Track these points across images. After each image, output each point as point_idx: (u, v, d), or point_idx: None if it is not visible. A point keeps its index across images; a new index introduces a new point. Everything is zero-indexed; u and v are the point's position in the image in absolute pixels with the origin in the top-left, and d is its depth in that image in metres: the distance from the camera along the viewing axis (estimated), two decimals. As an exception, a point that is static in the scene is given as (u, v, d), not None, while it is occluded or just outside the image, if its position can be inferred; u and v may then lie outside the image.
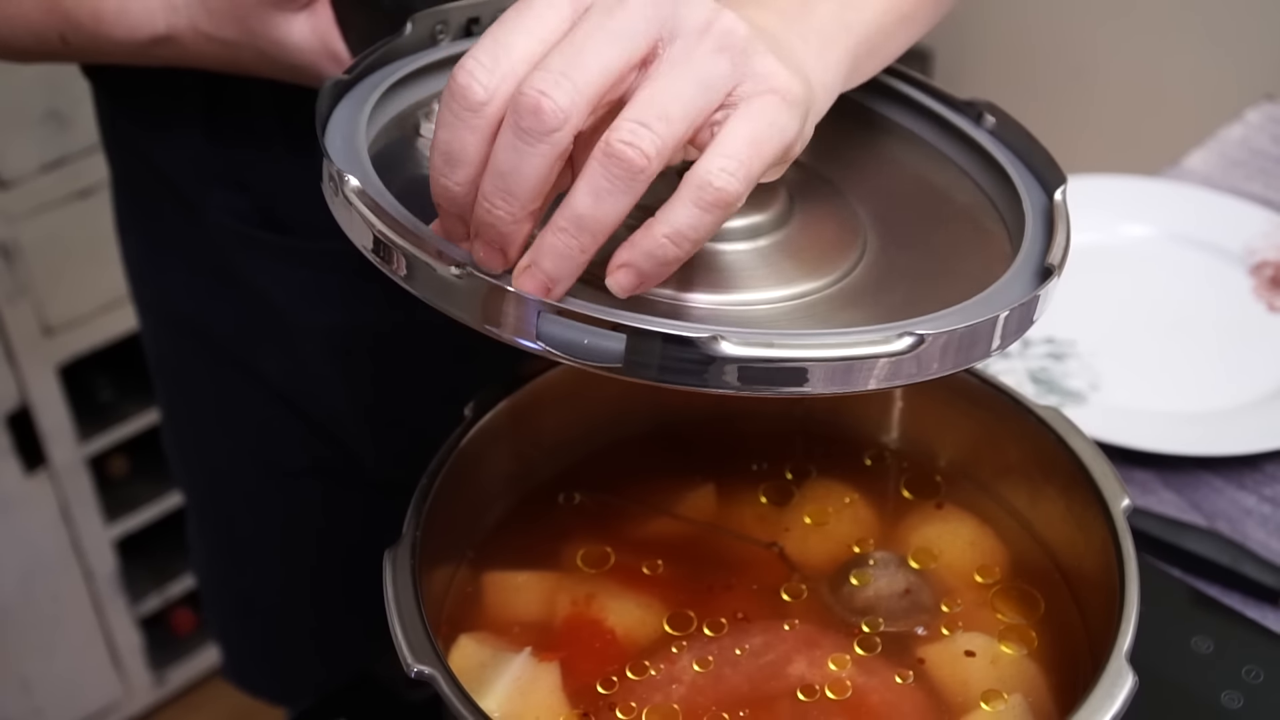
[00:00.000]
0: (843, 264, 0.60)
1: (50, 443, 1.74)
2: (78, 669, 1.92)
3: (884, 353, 0.51)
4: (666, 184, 0.51)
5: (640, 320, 0.50)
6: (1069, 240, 0.59)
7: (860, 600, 0.66)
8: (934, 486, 0.73)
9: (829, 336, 0.51)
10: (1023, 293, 0.56)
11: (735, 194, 0.50)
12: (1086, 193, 1.19)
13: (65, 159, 1.63)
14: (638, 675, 0.63)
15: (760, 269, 0.59)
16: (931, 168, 0.68)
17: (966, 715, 0.61)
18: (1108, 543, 0.61)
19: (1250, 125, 1.30)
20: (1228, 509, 0.89)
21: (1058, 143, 2.04)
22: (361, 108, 0.62)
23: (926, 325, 0.52)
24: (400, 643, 0.56)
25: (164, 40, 0.72)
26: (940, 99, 0.69)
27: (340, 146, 0.59)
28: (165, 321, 1.02)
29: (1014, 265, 0.58)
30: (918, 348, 0.51)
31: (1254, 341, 1.04)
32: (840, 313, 0.57)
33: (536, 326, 0.50)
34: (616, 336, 0.49)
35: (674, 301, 0.56)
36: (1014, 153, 0.66)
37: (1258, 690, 0.71)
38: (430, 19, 0.67)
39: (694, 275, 0.57)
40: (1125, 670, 0.54)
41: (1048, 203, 0.62)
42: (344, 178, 0.54)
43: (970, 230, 0.64)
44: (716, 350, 0.49)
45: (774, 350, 0.50)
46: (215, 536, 1.11)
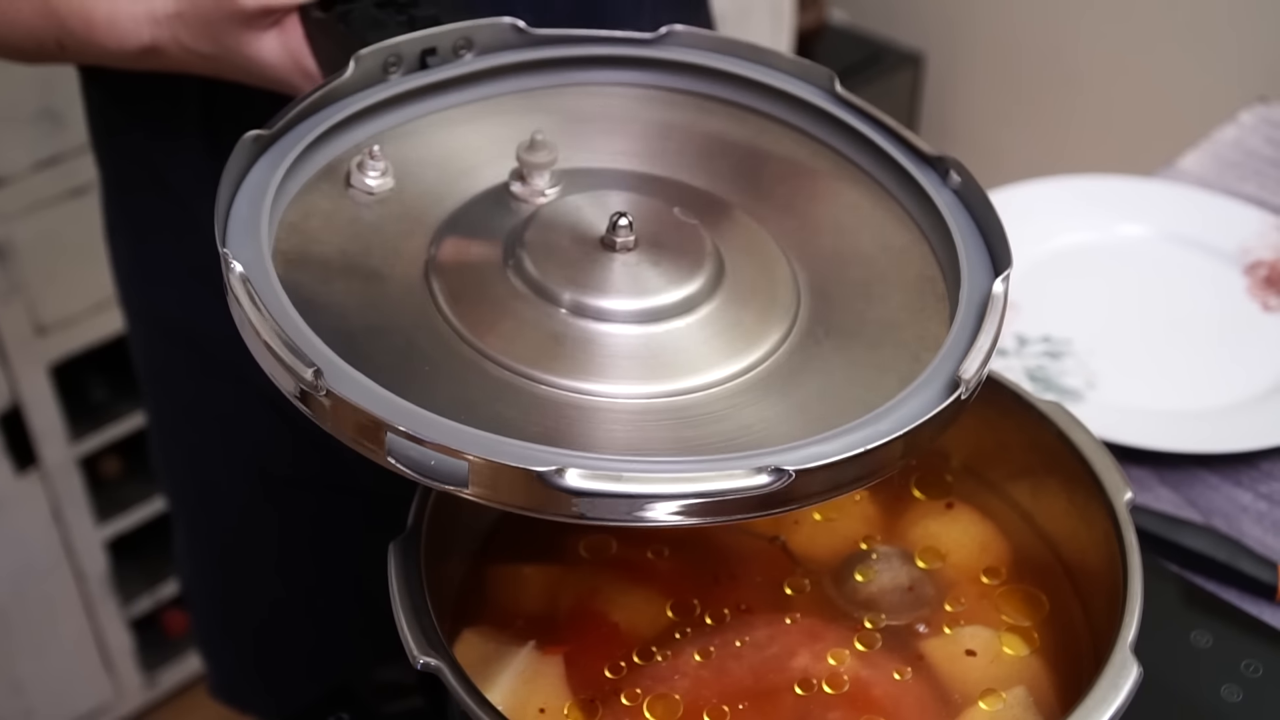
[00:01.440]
0: (761, 346, 0.58)
1: (42, 442, 1.74)
2: (69, 670, 1.91)
3: (741, 488, 0.48)
4: None
5: (486, 448, 0.48)
6: (994, 344, 0.56)
7: (863, 595, 0.66)
8: (945, 486, 0.72)
9: (683, 468, 0.49)
10: (922, 409, 0.52)
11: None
12: (1082, 193, 1.19)
13: (59, 157, 1.62)
14: (641, 665, 0.63)
15: (677, 353, 0.57)
16: (892, 227, 0.64)
17: (968, 710, 0.61)
18: (1110, 535, 0.61)
19: (1244, 127, 1.31)
20: (1224, 506, 0.90)
21: (1051, 143, 2.06)
22: (278, 165, 0.59)
23: (792, 457, 0.50)
24: (406, 635, 0.56)
25: (151, 51, 0.73)
26: (908, 149, 0.65)
27: (242, 218, 0.57)
28: (155, 329, 1.01)
29: (924, 373, 0.55)
30: (777, 482, 0.48)
31: (1249, 340, 1.04)
32: (746, 408, 0.55)
33: (386, 445, 0.49)
34: (459, 463, 0.48)
35: (592, 395, 0.54)
36: (973, 218, 0.62)
37: (1257, 684, 0.72)
38: (379, 54, 0.64)
39: (610, 362, 0.56)
40: (1130, 661, 0.54)
41: (988, 289, 0.58)
42: (230, 264, 0.53)
43: (910, 308, 0.60)
44: (560, 483, 0.47)
45: (621, 485, 0.48)
46: (205, 549, 1.10)
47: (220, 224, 0.56)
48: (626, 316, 0.57)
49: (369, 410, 0.49)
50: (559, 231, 0.59)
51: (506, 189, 0.63)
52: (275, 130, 0.60)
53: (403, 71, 0.66)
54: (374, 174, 0.62)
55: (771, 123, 0.69)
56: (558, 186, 0.63)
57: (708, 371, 0.56)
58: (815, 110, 0.68)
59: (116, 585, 1.91)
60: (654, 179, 0.66)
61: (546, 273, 0.57)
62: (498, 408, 0.53)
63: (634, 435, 0.53)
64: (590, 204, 0.61)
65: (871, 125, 0.67)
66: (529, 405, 0.53)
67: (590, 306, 0.56)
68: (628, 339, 0.56)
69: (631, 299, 0.57)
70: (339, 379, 0.50)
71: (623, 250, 0.58)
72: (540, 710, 0.61)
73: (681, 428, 0.54)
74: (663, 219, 0.61)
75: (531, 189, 0.63)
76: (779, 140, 0.69)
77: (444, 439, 0.48)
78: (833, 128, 0.68)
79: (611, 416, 0.54)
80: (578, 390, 0.54)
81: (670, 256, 0.59)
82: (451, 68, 0.67)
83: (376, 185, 0.62)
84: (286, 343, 0.51)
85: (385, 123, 0.65)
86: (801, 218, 0.65)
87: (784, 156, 0.68)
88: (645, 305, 0.57)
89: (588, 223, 0.60)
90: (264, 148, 0.60)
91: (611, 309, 0.56)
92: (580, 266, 0.58)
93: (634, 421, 0.54)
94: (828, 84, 0.68)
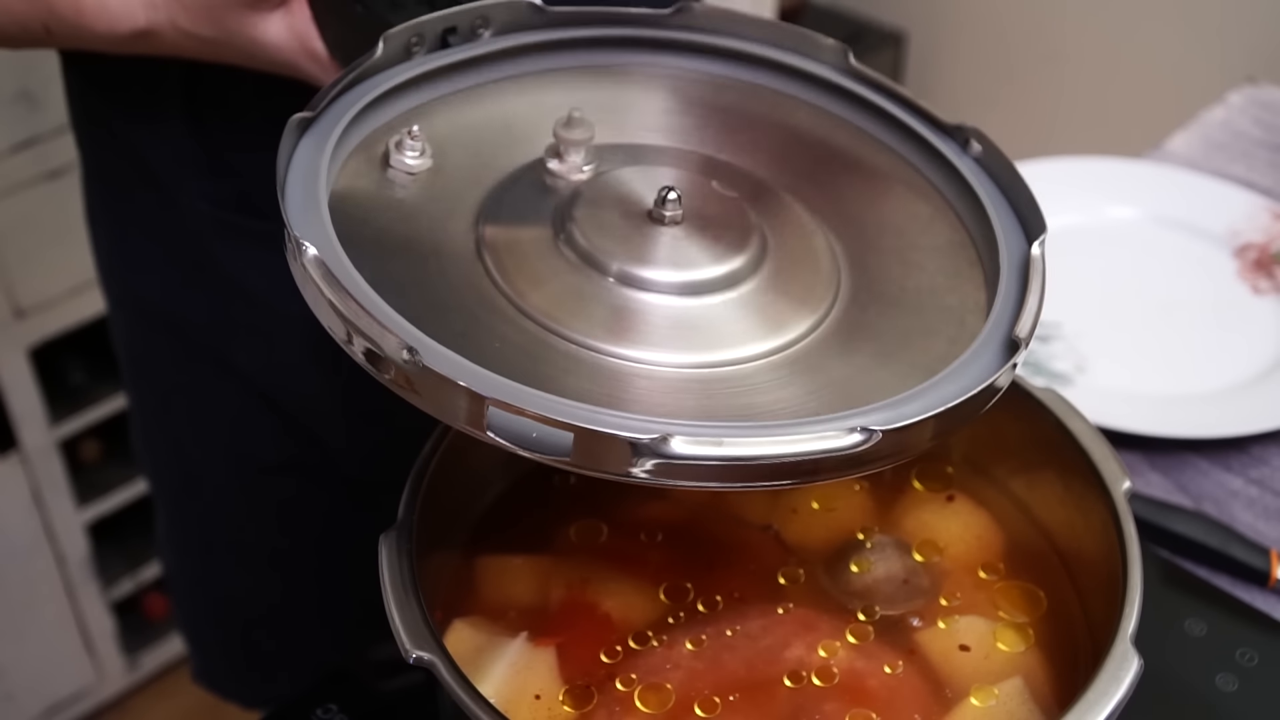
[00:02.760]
0: (810, 317, 0.59)
1: (21, 426, 1.73)
2: (49, 654, 1.91)
3: (835, 448, 0.50)
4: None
5: (589, 419, 0.49)
6: (1041, 305, 0.57)
7: (858, 585, 0.66)
8: (946, 478, 0.72)
9: (776, 429, 0.50)
10: (987, 370, 0.55)
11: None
12: (1070, 175, 1.19)
13: (36, 139, 1.61)
14: (633, 654, 0.62)
15: (730, 324, 0.58)
16: (914, 197, 0.66)
17: (961, 704, 0.61)
18: (1108, 525, 0.61)
19: (1232, 108, 1.30)
20: (1214, 491, 0.90)
21: (1037, 124, 2.05)
22: (323, 147, 0.59)
23: (877, 417, 0.51)
24: (398, 629, 0.56)
25: (144, 35, 0.72)
26: (928, 121, 0.67)
27: (299, 201, 0.57)
28: (137, 315, 1.00)
29: (981, 335, 0.57)
30: (867, 443, 0.50)
31: (1238, 323, 1.04)
32: (801, 377, 0.56)
33: (486, 420, 0.50)
34: (564, 434, 0.49)
35: (646, 364, 0.55)
36: (998, 186, 0.64)
37: (1252, 673, 0.71)
38: (404, 34, 0.65)
39: (668, 333, 0.56)
40: (1130, 654, 0.54)
41: (1025, 253, 0.60)
42: (302, 247, 0.53)
43: (946, 273, 0.62)
44: (666, 450, 0.49)
45: (723, 449, 0.49)
46: (187, 535, 1.09)
47: (284, 207, 0.56)
48: (673, 289, 0.58)
49: (470, 386, 0.49)
50: (608, 205, 0.60)
51: (543, 165, 0.64)
52: (318, 111, 0.61)
53: (425, 51, 0.66)
54: (413, 154, 0.62)
55: (789, 99, 0.70)
56: (593, 163, 0.63)
57: (766, 340, 0.57)
58: (832, 85, 0.69)
59: (97, 568, 1.90)
60: (686, 154, 0.67)
61: (597, 244, 0.58)
62: (570, 380, 0.54)
63: (708, 404, 0.54)
64: (638, 178, 0.62)
65: (887, 97, 0.68)
66: (602, 377, 0.54)
67: (638, 276, 0.57)
68: (672, 309, 0.57)
69: (680, 271, 0.58)
70: (433, 356, 0.50)
71: (670, 223, 0.59)
72: (535, 697, 0.61)
73: (752, 394, 0.55)
74: (706, 193, 0.62)
75: (569, 165, 0.63)
76: (796, 115, 0.69)
77: (546, 411, 0.49)
78: (848, 101, 0.69)
79: (683, 386, 0.55)
80: (622, 357, 0.55)
81: (716, 232, 0.60)
82: (472, 47, 0.67)
83: (416, 165, 0.62)
84: (378, 322, 0.51)
85: (412, 101, 0.66)
86: (827, 190, 0.66)
87: (803, 131, 0.69)
88: (692, 277, 0.58)
89: (638, 195, 0.61)
90: (307, 128, 0.60)
91: (660, 281, 0.57)
92: (630, 238, 0.59)
93: (705, 390, 0.55)
94: (842, 59, 0.69)
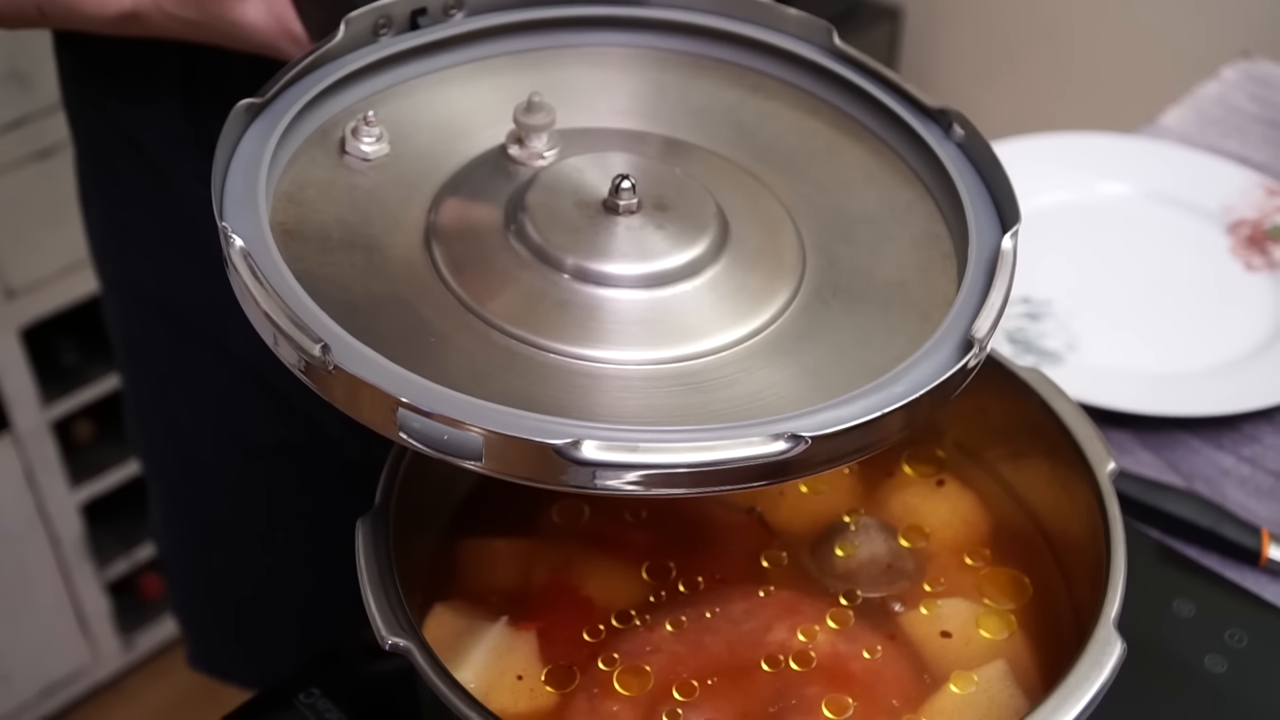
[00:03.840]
0: (769, 309, 0.57)
1: (13, 407, 1.73)
2: (45, 635, 1.91)
3: (759, 455, 0.48)
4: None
5: (500, 421, 0.48)
6: (1005, 301, 0.55)
7: (841, 568, 0.65)
8: (937, 462, 0.71)
9: (699, 436, 0.48)
10: (937, 371, 0.52)
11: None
12: (1062, 151, 1.18)
13: (26, 119, 1.60)
14: (616, 634, 0.62)
15: (696, 314, 0.56)
16: (894, 183, 0.64)
17: (946, 684, 0.60)
18: (1093, 507, 0.60)
19: (1227, 83, 1.30)
20: (1206, 469, 0.89)
21: (1034, 100, 2.04)
22: (270, 134, 0.58)
23: (807, 422, 0.49)
24: (374, 615, 0.55)
25: (131, 16, 0.72)
26: (909, 103, 0.65)
27: (239, 190, 0.56)
28: (131, 297, 1.00)
29: (936, 334, 0.54)
30: (794, 449, 0.48)
31: (1231, 301, 1.03)
32: (756, 372, 0.54)
33: (397, 421, 0.49)
34: (474, 438, 0.48)
35: (613, 363, 0.54)
36: (978, 173, 0.62)
37: (1242, 654, 0.71)
38: (368, 17, 0.63)
39: (632, 329, 0.55)
40: (1114, 638, 0.53)
41: (997, 245, 0.58)
42: (230, 238, 0.52)
43: (917, 266, 0.60)
44: (576, 455, 0.47)
45: (637, 455, 0.47)
46: (184, 518, 1.09)
47: (217, 197, 0.55)
48: (631, 281, 0.56)
49: (379, 386, 0.48)
50: (561, 195, 0.59)
51: (504, 152, 0.62)
52: (268, 97, 0.59)
53: (393, 33, 0.65)
54: (369, 140, 0.61)
55: (768, 79, 0.68)
56: (556, 148, 0.62)
57: (716, 335, 0.55)
58: (813, 65, 0.67)
59: (92, 549, 1.90)
60: (653, 137, 0.66)
61: (549, 238, 0.57)
62: (507, 378, 0.52)
63: (643, 402, 0.53)
64: (592, 166, 0.60)
65: (871, 79, 0.66)
66: (538, 374, 0.53)
67: (594, 271, 0.56)
68: (633, 304, 0.56)
69: (636, 263, 0.56)
70: (347, 354, 0.49)
71: (626, 213, 0.58)
72: (518, 678, 0.60)
73: (691, 393, 0.53)
74: (665, 180, 0.60)
75: (530, 151, 0.62)
76: (777, 96, 0.68)
77: (456, 413, 0.48)
78: (831, 83, 0.67)
79: (622, 384, 0.53)
80: (585, 357, 0.54)
81: (674, 219, 0.58)
82: (442, 28, 0.65)
83: (372, 151, 0.61)
84: (292, 318, 0.50)
85: (377, 84, 0.64)
86: (802, 175, 0.64)
87: (783, 113, 0.67)
88: (650, 269, 0.56)
89: (590, 185, 0.59)
90: (255, 115, 0.59)
91: (616, 274, 0.56)
92: (583, 231, 0.57)
93: (644, 388, 0.53)
94: (825, 38, 0.67)
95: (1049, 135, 1.19)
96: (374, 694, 0.70)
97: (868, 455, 0.52)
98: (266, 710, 0.70)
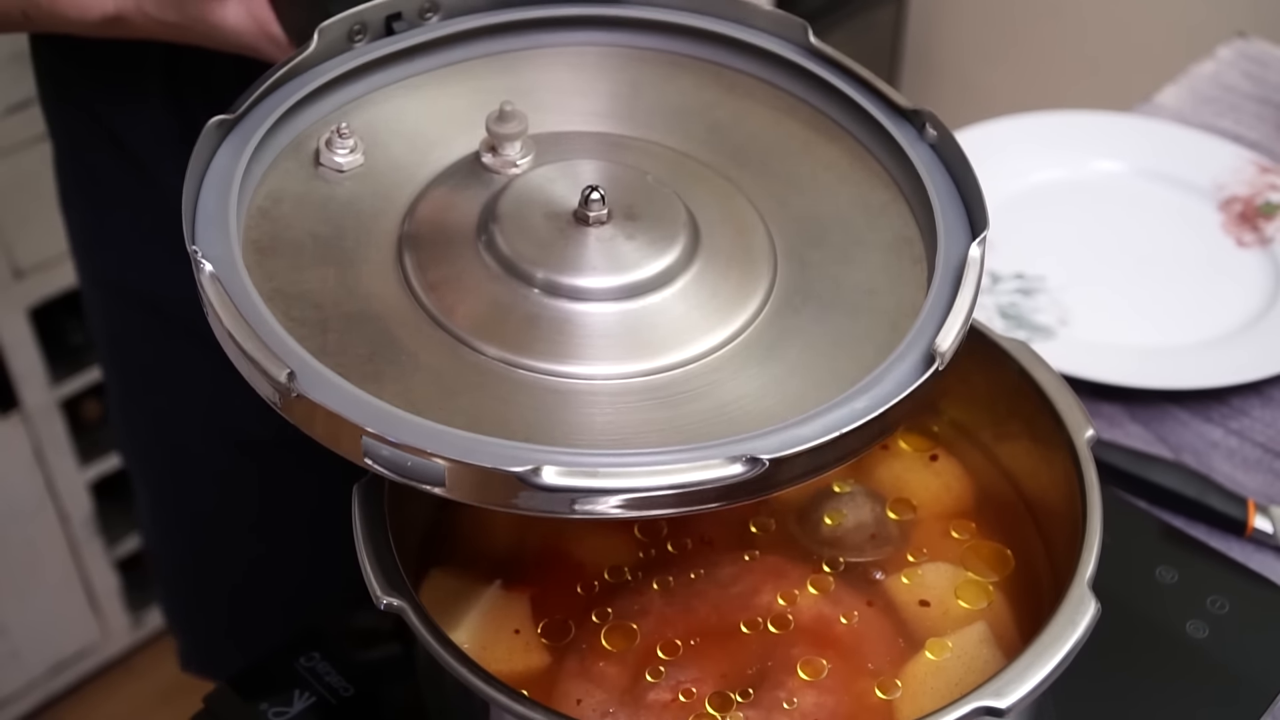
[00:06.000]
0: (739, 318, 0.58)
1: (22, 385, 1.74)
2: (54, 612, 1.92)
3: (717, 478, 0.49)
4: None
5: (461, 450, 0.49)
6: (971, 311, 0.55)
7: (828, 535, 0.67)
8: (931, 437, 0.72)
9: (659, 460, 0.49)
10: (898, 387, 0.52)
11: None
12: (1058, 129, 1.19)
13: (32, 100, 1.59)
14: (607, 591, 0.64)
15: (671, 323, 0.57)
16: (868, 185, 0.64)
17: (922, 650, 0.62)
18: (1071, 473, 0.61)
19: (1222, 62, 1.30)
20: (1194, 442, 0.90)
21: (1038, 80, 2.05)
22: (242, 151, 0.58)
23: (766, 443, 0.50)
24: (369, 575, 0.56)
25: (114, 20, 0.73)
26: (884, 103, 0.64)
27: (210, 210, 0.56)
28: (115, 294, 1.00)
29: (899, 347, 0.54)
30: (753, 471, 0.49)
31: (1222, 277, 1.04)
32: (724, 384, 0.55)
33: (363, 449, 0.50)
34: (437, 465, 0.49)
35: (570, 377, 0.55)
36: (951, 174, 0.62)
37: (1223, 620, 0.72)
38: (343, 24, 0.63)
39: (607, 342, 0.56)
40: (1088, 597, 0.54)
41: (964, 253, 0.58)
42: (200, 264, 0.53)
43: (888, 272, 0.60)
44: (537, 481, 0.48)
45: (597, 481, 0.48)
46: (175, 515, 1.09)
47: (188, 218, 0.56)
48: (602, 295, 0.56)
49: (342, 415, 0.49)
50: (531, 206, 0.59)
51: (478, 160, 0.63)
52: (240, 113, 0.60)
53: (369, 39, 0.65)
54: (343, 151, 0.61)
55: (745, 78, 0.68)
56: (529, 155, 0.62)
57: (685, 347, 0.56)
58: (789, 64, 0.67)
59: (101, 526, 1.91)
60: (627, 141, 0.66)
61: (519, 252, 0.57)
62: (476, 396, 0.53)
63: (612, 419, 0.53)
64: (562, 176, 0.60)
65: (846, 78, 0.66)
66: (508, 392, 0.53)
67: (565, 286, 0.56)
68: (604, 317, 0.56)
69: (606, 276, 0.57)
70: (312, 382, 0.50)
71: (596, 224, 0.58)
72: (515, 631, 0.62)
73: (659, 408, 0.54)
74: (636, 188, 0.60)
75: (503, 159, 0.62)
76: (753, 96, 0.68)
77: (417, 441, 0.49)
78: (807, 82, 0.67)
79: (589, 399, 0.54)
80: (555, 373, 0.54)
81: (645, 228, 0.58)
82: (418, 33, 0.66)
83: (346, 163, 0.61)
84: (259, 346, 0.51)
85: (352, 93, 0.65)
86: (777, 177, 0.64)
87: (758, 113, 0.67)
88: (621, 282, 0.57)
89: (560, 196, 0.59)
90: (228, 131, 0.60)
91: (586, 288, 0.56)
92: (553, 244, 0.57)
93: (611, 404, 0.54)
94: (801, 36, 0.67)
95: (1045, 114, 1.20)
96: (373, 658, 0.72)
97: (836, 468, 0.53)
98: (268, 674, 0.71)
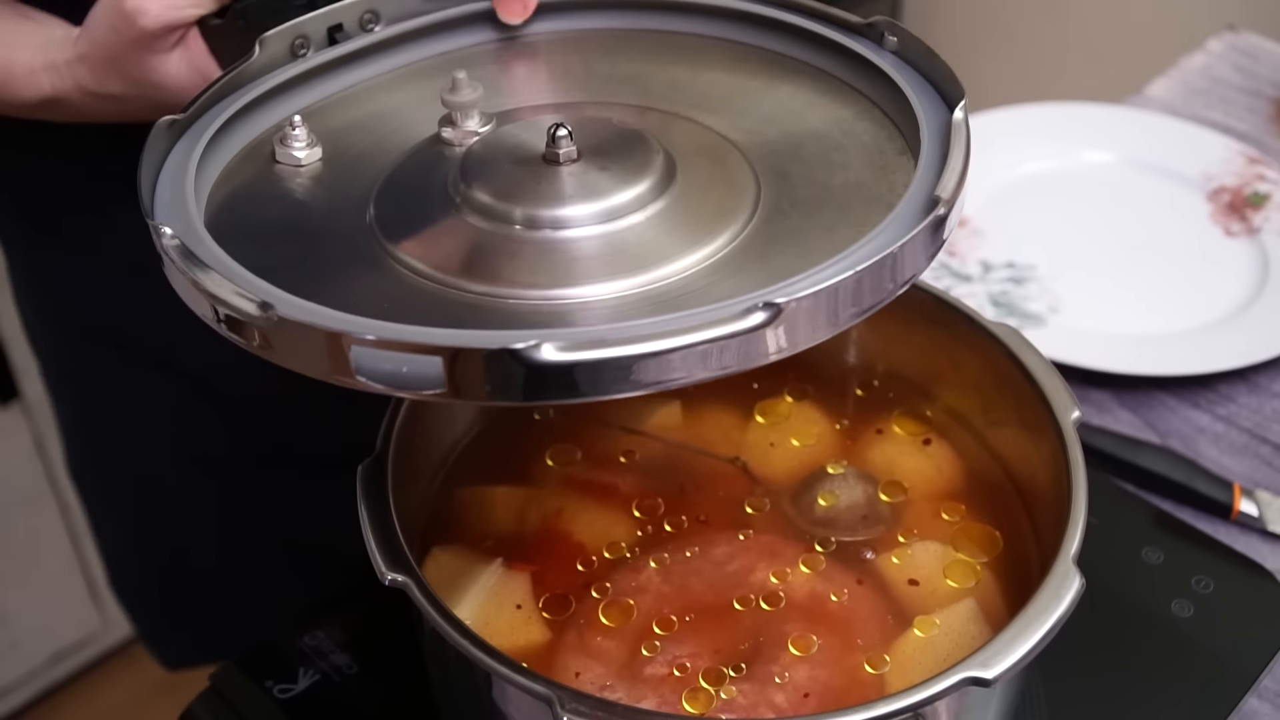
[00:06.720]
0: (727, 229, 0.56)
1: (22, 376, 1.74)
2: (54, 601, 1.92)
3: (735, 331, 0.46)
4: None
5: (460, 338, 0.46)
6: (966, 165, 0.54)
7: (821, 515, 0.68)
8: (925, 422, 0.73)
9: (668, 324, 0.46)
10: (902, 233, 0.50)
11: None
12: (1049, 120, 1.20)
13: None
14: (606, 567, 0.65)
15: (654, 240, 0.55)
16: (836, 104, 0.63)
17: (910, 628, 0.63)
18: (1058, 454, 0.62)
19: (1212, 54, 1.32)
20: (1181, 427, 0.92)
21: (1030, 72, 2.06)
22: (194, 146, 0.58)
23: (782, 292, 0.47)
24: (374, 551, 0.58)
25: (52, 102, 0.72)
26: (839, 26, 0.65)
27: (166, 196, 0.56)
28: (66, 328, 0.99)
29: (900, 204, 0.53)
30: (771, 319, 0.46)
31: (1210, 266, 1.06)
32: (723, 283, 0.53)
33: (352, 363, 0.47)
34: (434, 360, 0.46)
35: (566, 299, 0.52)
36: (918, 71, 0.61)
37: (1207, 599, 0.73)
38: (283, 37, 0.64)
39: (594, 263, 0.54)
40: (1072, 572, 0.56)
41: (947, 122, 0.57)
42: (161, 231, 0.52)
43: (873, 167, 0.59)
44: (540, 357, 0.45)
45: (605, 351, 0.45)
46: (143, 542, 1.09)
47: (147, 200, 0.55)
48: (583, 219, 0.55)
49: (327, 326, 0.47)
50: (499, 157, 0.58)
51: (439, 138, 0.62)
52: (189, 115, 0.60)
53: (313, 50, 0.65)
54: (299, 145, 0.61)
55: (695, 39, 0.69)
56: (489, 125, 0.62)
57: (677, 259, 0.54)
58: (737, 15, 0.67)
59: (100, 517, 1.92)
60: (586, 105, 0.66)
61: (495, 193, 0.56)
62: (471, 324, 0.50)
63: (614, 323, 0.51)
64: (526, 129, 0.60)
65: (795, 12, 0.66)
66: (505, 320, 0.52)
67: (544, 217, 0.55)
68: (589, 241, 0.55)
69: (585, 203, 0.55)
70: (289, 307, 0.48)
71: (567, 161, 0.57)
72: (517, 606, 0.63)
73: (663, 309, 0.51)
74: (602, 129, 0.60)
75: (463, 131, 0.62)
76: (706, 53, 0.68)
77: (411, 337, 0.46)
78: (759, 28, 0.67)
79: (591, 314, 0.52)
80: (548, 298, 0.53)
81: (616, 160, 0.58)
82: (362, 39, 0.66)
83: (304, 156, 0.61)
84: (229, 286, 0.49)
85: (303, 100, 0.65)
86: (743, 113, 0.64)
87: (715, 65, 0.67)
88: (601, 206, 0.55)
89: (528, 144, 0.59)
90: (180, 133, 0.60)
91: (567, 215, 0.55)
92: (526, 183, 0.56)
93: (614, 314, 0.52)
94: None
95: (1036, 105, 1.21)
96: (377, 636, 0.73)
97: (854, 322, 0.50)
98: (272, 653, 0.72)
